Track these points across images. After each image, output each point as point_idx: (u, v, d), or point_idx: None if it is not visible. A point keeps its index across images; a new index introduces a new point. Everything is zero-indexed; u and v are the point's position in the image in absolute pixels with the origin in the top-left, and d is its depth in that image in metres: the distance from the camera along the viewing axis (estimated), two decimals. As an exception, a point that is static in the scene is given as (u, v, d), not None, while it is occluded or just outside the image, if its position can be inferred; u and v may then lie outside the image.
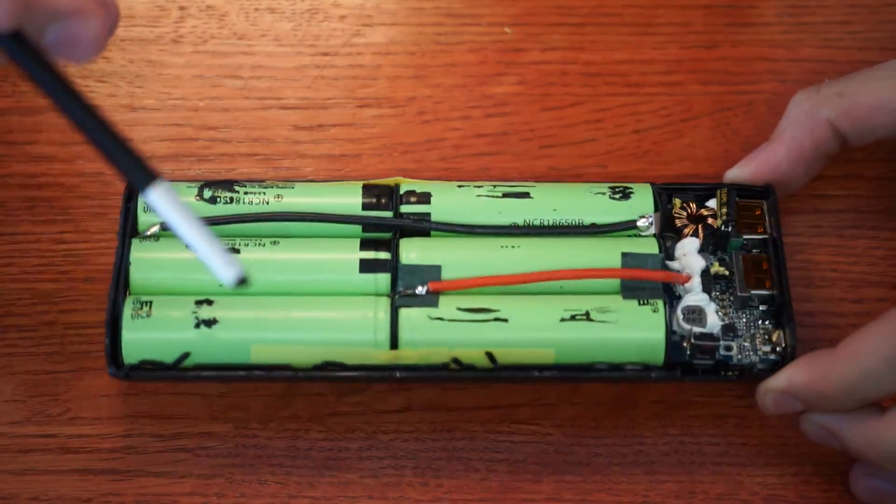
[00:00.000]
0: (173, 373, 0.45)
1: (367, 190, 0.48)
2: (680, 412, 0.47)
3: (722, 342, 0.45)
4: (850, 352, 0.42)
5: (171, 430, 0.47)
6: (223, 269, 0.37)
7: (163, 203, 0.37)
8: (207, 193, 0.47)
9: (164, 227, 0.47)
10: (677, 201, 0.48)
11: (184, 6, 0.56)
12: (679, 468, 0.46)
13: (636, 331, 0.45)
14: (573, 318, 0.45)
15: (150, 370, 0.45)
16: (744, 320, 0.46)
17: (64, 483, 0.46)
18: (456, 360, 0.45)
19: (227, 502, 0.46)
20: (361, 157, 0.53)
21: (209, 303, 0.45)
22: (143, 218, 0.47)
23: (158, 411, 0.47)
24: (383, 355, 0.45)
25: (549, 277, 0.46)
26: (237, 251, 0.46)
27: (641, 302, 0.45)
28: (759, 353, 0.46)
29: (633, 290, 0.46)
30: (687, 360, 0.45)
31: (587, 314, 0.45)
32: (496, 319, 0.45)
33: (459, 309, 0.45)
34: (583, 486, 0.46)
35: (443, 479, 0.46)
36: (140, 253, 0.46)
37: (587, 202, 0.48)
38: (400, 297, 0.45)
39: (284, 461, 0.46)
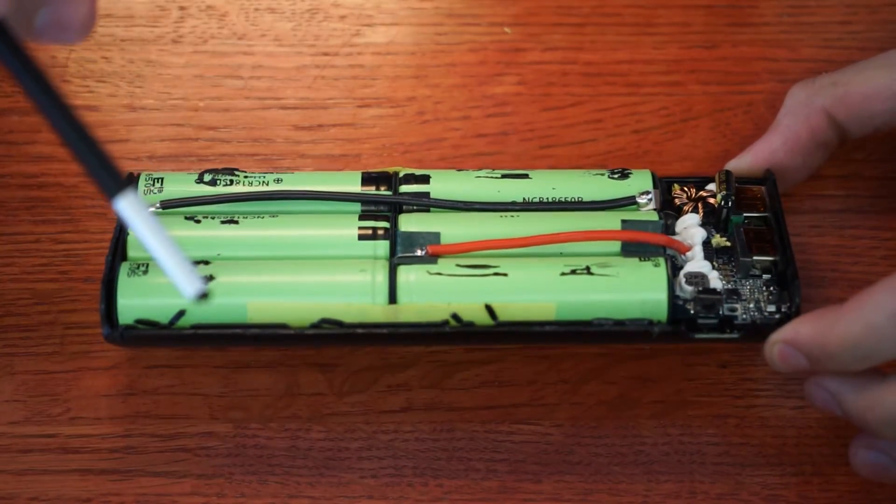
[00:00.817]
0: (169, 332, 0.45)
1: (367, 177, 0.48)
2: (680, 412, 0.47)
3: (726, 305, 0.45)
4: (855, 307, 0.42)
5: (171, 430, 0.47)
6: (186, 283, 0.37)
7: (130, 213, 0.37)
8: (207, 177, 0.47)
9: (164, 206, 0.47)
10: (676, 186, 0.48)
11: (184, 6, 0.56)
12: (679, 468, 0.46)
13: (638, 284, 0.45)
14: (573, 272, 0.45)
15: (145, 329, 0.45)
16: (747, 287, 0.46)
17: (64, 483, 0.46)
18: (455, 317, 0.45)
19: (227, 502, 0.46)
20: (361, 157, 0.53)
21: (206, 263, 0.45)
22: (144, 199, 0.47)
23: (158, 411, 0.47)
24: (381, 312, 0.44)
25: (549, 240, 0.45)
26: (236, 222, 0.46)
27: (643, 258, 0.45)
28: (765, 312, 0.45)
29: (633, 252, 0.46)
30: (691, 318, 0.45)
31: (587, 268, 0.45)
32: (496, 274, 0.45)
33: (459, 265, 0.45)
34: (583, 486, 0.46)
35: (443, 479, 0.46)
36: None
37: (586, 181, 0.48)
38: (398, 258, 0.45)
39: (284, 461, 0.46)
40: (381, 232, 0.46)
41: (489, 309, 0.45)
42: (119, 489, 0.46)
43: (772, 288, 0.46)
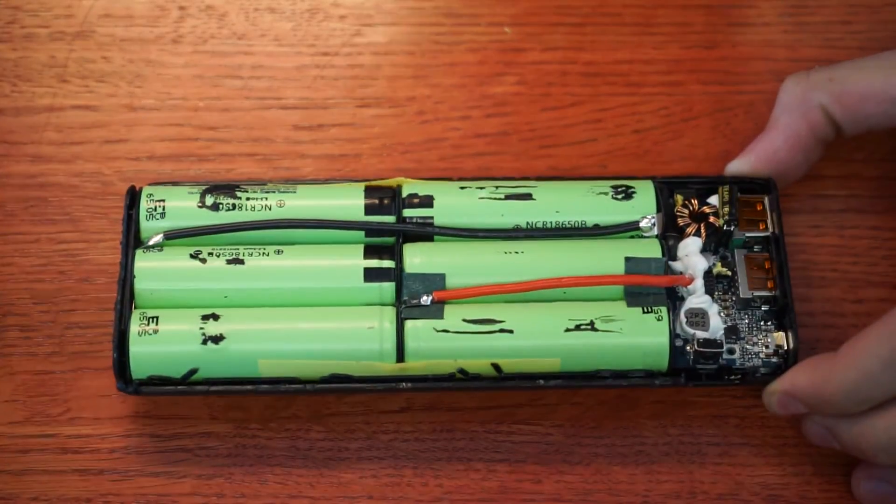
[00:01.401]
0: (182, 387, 0.45)
1: (370, 192, 0.48)
2: (680, 412, 0.47)
3: (725, 347, 0.45)
4: (849, 355, 0.43)
5: (171, 430, 0.47)
6: None
7: None
8: (210, 200, 0.47)
9: (168, 236, 0.47)
10: (679, 198, 0.48)
11: (183, 6, 0.56)
12: (679, 468, 0.46)
13: (641, 338, 0.45)
14: (578, 327, 0.45)
15: (159, 385, 0.45)
16: (746, 321, 0.46)
17: (64, 483, 0.46)
18: (462, 371, 0.45)
19: (226, 502, 0.46)
20: (361, 157, 0.53)
21: (215, 317, 0.45)
22: (145, 225, 0.47)
23: (158, 411, 0.47)
24: (390, 367, 0.45)
25: (553, 285, 0.46)
26: (241, 262, 0.46)
27: (645, 310, 0.45)
28: (762, 356, 0.46)
29: (636, 296, 0.46)
30: (690, 366, 0.45)
31: (592, 324, 0.45)
32: (501, 331, 0.45)
33: (465, 321, 0.45)
34: (583, 486, 0.46)
35: (443, 479, 0.46)
36: (144, 263, 0.46)
37: (590, 202, 0.48)
38: (405, 308, 0.45)
39: (284, 461, 0.46)
40: (385, 268, 0.46)
41: (495, 366, 0.45)
42: (119, 489, 0.46)
43: (770, 323, 0.46)
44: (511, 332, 0.45)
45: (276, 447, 0.47)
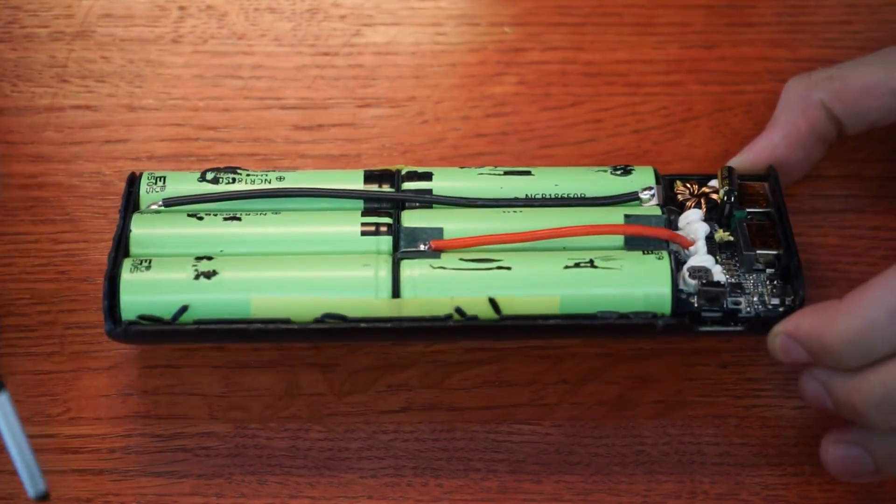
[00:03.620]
0: (171, 328, 0.44)
1: (369, 175, 0.48)
2: (680, 412, 0.47)
3: (730, 298, 0.45)
4: (855, 301, 0.42)
5: (171, 430, 0.47)
6: (30, 483, 0.40)
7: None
8: (210, 175, 0.48)
9: (167, 203, 0.47)
10: (679, 182, 0.48)
11: (183, 6, 0.56)
12: (679, 468, 0.46)
13: (642, 277, 0.45)
14: (577, 265, 0.45)
15: (148, 325, 0.44)
16: (751, 281, 0.46)
17: (64, 483, 0.46)
18: (459, 311, 0.45)
19: (226, 502, 0.46)
20: (361, 157, 0.53)
21: (209, 258, 0.45)
22: (145, 197, 0.47)
23: (158, 411, 0.47)
24: (385, 306, 0.44)
25: (552, 234, 0.45)
26: (238, 219, 0.46)
27: (646, 252, 0.45)
28: (769, 305, 0.45)
29: (636, 244, 0.46)
30: (695, 310, 0.45)
31: (591, 262, 0.45)
32: (499, 268, 0.45)
33: (462, 260, 0.45)
34: (583, 486, 0.46)
35: (443, 479, 0.46)
36: (140, 222, 0.46)
37: (588, 178, 0.48)
38: (402, 252, 0.45)
39: (284, 461, 0.46)
40: (383, 228, 0.46)
41: (493, 303, 0.45)
42: (119, 489, 0.46)
43: (776, 282, 0.46)
44: (509, 268, 0.45)
45: (276, 447, 0.47)
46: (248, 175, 0.48)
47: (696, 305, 0.45)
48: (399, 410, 0.47)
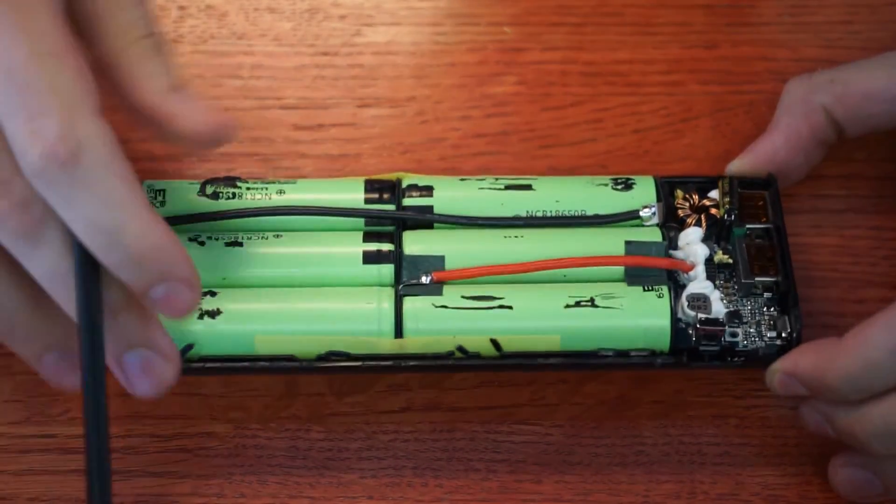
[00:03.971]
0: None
1: (370, 185, 0.48)
2: (680, 412, 0.47)
3: (728, 328, 0.45)
4: (854, 342, 0.42)
5: (171, 430, 0.47)
6: None
7: None
8: (209, 189, 0.47)
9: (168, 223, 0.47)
10: (679, 192, 0.48)
11: (183, 6, 0.56)
12: (679, 468, 0.46)
13: (641, 316, 0.45)
14: (578, 304, 0.45)
15: None
16: (748, 307, 0.46)
17: (63, 483, 0.46)
18: (461, 349, 0.45)
19: (226, 502, 0.46)
20: (361, 157, 0.53)
21: (212, 294, 0.45)
22: None
23: (158, 411, 0.47)
24: (388, 344, 0.45)
25: (553, 266, 0.46)
26: (240, 244, 0.46)
27: (646, 288, 0.45)
28: (765, 339, 0.46)
29: (637, 276, 0.46)
30: (693, 346, 0.45)
31: (592, 300, 0.45)
32: (501, 307, 0.45)
33: (464, 297, 0.45)
34: (583, 486, 0.46)
35: (443, 479, 0.46)
36: None
37: (589, 193, 0.48)
38: (404, 287, 0.45)
39: (284, 461, 0.46)
40: (385, 252, 0.46)
41: (494, 342, 0.45)
42: (118, 489, 0.46)
43: (773, 310, 0.46)
44: (510, 307, 0.45)
45: (276, 447, 0.47)
46: (248, 188, 0.48)
47: (693, 340, 0.45)
48: (399, 410, 0.47)
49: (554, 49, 0.55)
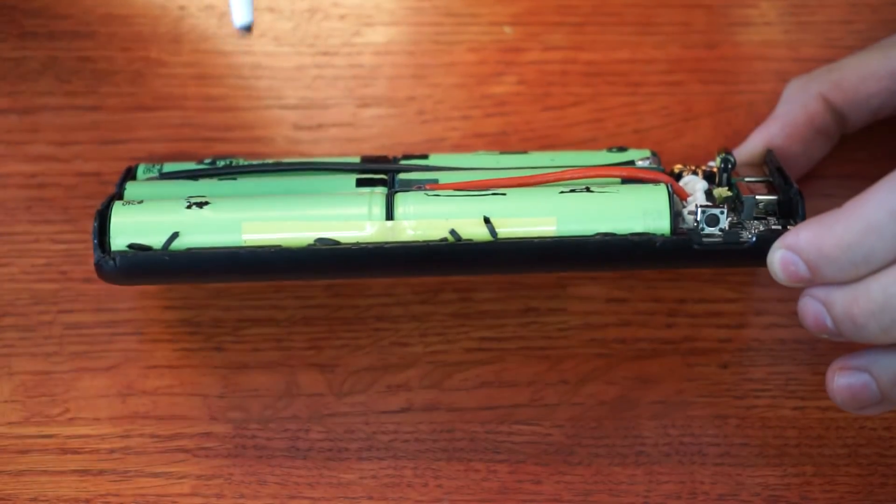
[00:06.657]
0: (162, 255, 0.44)
1: (366, 159, 0.49)
2: (680, 412, 0.47)
3: (731, 229, 0.44)
4: (855, 206, 0.41)
5: (171, 430, 0.47)
6: (238, 13, 0.43)
7: None
8: (207, 161, 0.48)
9: (164, 176, 0.48)
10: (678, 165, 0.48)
11: (183, 5, 0.56)
12: (679, 468, 0.46)
13: (640, 198, 0.44)
14: (573, 191, 0.45)
15: (138, 254, 0.44)
16: (752, 227, 0.45)
17: (63, 484, 0.46)
18: (454, 233, 0.44)
19: (226, 502, 0.46)
20: (361, 157, 0.53)
21: (201, 197, 0.45)
22: (142, 178, 0.48)
23: (157, 411, 0.47)
24: (379, 228, 0.44)
25: (548, 179, 0.45)
26: (234, 178, 0.47)
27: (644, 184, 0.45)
28: (771, 226, 0.45)
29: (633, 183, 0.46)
30: (695, 229, 0.44)
31: (587, 188, 0.45)
32: (494, 194, 0.45)
33: (457, 190, 0.45)
34: (583, 486, 0.46)
35: (443, 480, 0.46)
36: (135, 188, 0.47)
37: (585, 155, 0.48)
38: (397, 189, 0.46)
39: (284, 461, 0.46)
40: (378, 180, 0.47)
41: (488, 223, 0.44)
42: (118, 490, 0.46)
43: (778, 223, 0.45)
44: (504, 194, 0.44)
45: (276, 447, 0.47)
46: (245, 162, 0.48)
47: (696, 222, 0.44)
48: (399, 411, 0.47)
49: (554, 49, 0.55)
